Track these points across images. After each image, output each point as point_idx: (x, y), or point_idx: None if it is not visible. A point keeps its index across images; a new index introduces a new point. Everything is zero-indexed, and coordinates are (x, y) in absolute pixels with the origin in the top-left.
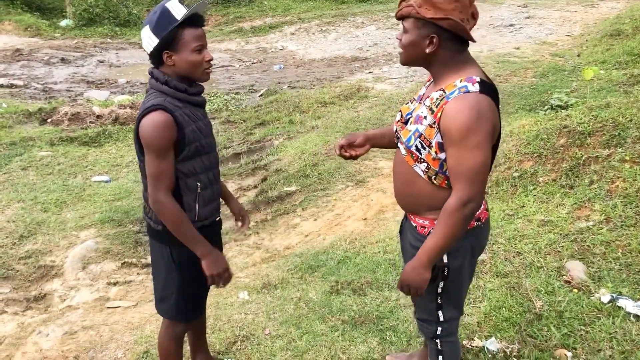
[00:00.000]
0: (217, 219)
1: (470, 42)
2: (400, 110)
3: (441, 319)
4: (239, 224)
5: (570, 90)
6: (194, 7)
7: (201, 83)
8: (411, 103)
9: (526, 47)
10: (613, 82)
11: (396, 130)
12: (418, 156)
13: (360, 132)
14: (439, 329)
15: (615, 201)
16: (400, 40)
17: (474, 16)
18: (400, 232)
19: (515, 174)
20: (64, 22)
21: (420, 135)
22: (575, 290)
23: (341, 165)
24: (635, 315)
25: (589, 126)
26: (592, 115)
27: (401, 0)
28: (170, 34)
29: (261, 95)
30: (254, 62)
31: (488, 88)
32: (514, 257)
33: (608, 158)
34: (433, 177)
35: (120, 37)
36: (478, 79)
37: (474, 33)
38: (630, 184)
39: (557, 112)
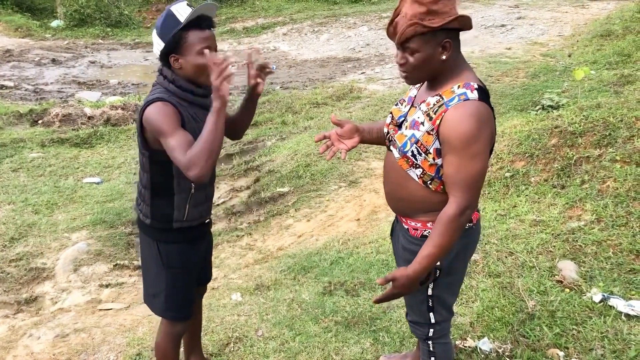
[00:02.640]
0: (207, 220)
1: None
2: (391, 113)
3: (432, 320)
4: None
5: (561, 91)
6: (196, 9)
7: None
8: (401, 105)
9: (517, 48)
10: (604, 82)
11: (388, 133)
12: (413, 162)
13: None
14: (431, 330)
15: (606, 201)
16: (406, 62)
17: None
18: (392, 234)
19: (507, 174)
20: (54, 23)
21: (417, 142)
22: (567, 290)
23: (334, 166)
24: (627, 315)
25: (580, 126)
26: (583, 116)
27: (389, 25)
28: (175, 37)
29: None
30: (246, 63)
31: (485, 94)
32: (506, 257)
33: (599, 158)
34: (428, 182)
35: (112, 37)
36: (476, 86)
37: (465, 35)
38: (621, 184)
39: (549, 112)
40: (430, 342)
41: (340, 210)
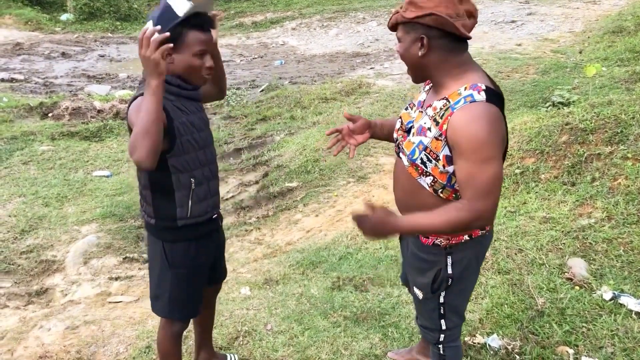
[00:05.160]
0: (214, 215)
1: (469, 41)
2: (401, 117)
3: (443, 327)
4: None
5: (572, 87)
6: (195, 6)
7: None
8: (411, 109)
9: (528, 44)
10: (615, 79)
11: (397, 139)
12: (423, 169)
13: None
14: (442, 336)
15: (617, 198)
16: (398, 51)
17: (473, 14)
18: (400, 239)
19: (517, 171)
20: (64, 16)
21: (425, 148)
22: (577, 288)
23: (342, 162)
24: (637, 313)
25: (591, 123)
26: (594, 113)
27: (395, 12)
28: (174, 33)
29: (262, 90)
30: (255, 58)
31: (494, 96)
32: (515, 254)
33: (610, 155)
34: (439, 190)
35: (121, 31)
36: (484, 87)
37: (474, 30)
38: (632, 182)
39: (559, 109)
40: (440, 346)
41: (349, 206)
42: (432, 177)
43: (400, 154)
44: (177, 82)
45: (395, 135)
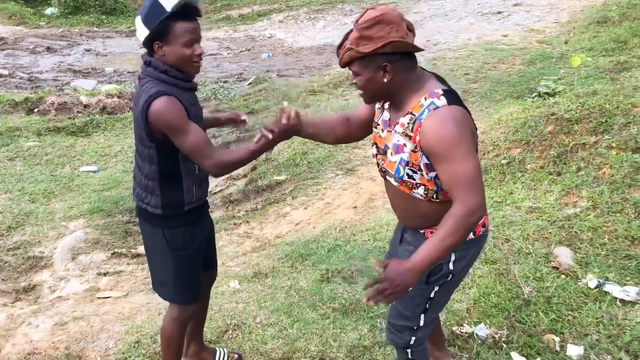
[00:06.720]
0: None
1: (423, 51)
2: (375, 143)
3: (421, 323)
4: (241, 117)
5: (557, 78)
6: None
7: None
8: (381, 131)
9: (514, 35)
10: (600, 69)
11: (379, 164)
12: (412, 183)
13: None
14: (413, 338)
15: (602, 187)
16: (356, 83)
17: (410, 29)
18: (400, 241)
19: (504, 161)
20: (49, 10)
21: (407, 163)
22: (563, 276)
23: (331, 154)
24: (622, 300)
25: (576, 113)
26: (580, 103)
27: (338, 48)
28: (161, 26)
29: (250, 83)
30: (242, 51)
31: (454, 97)
32: (502, 243)
33: (595, 145)
34: (434, 196)
35: (107, 25)
36: (441, 92)
37: (461, 22)
38: (616, 171)
39: (545, 99)
40: (409, 350)
41: (337, 198)
42: (423, 187)
43: (387, 176)
44: (182, 76)
45: (375, 160)
